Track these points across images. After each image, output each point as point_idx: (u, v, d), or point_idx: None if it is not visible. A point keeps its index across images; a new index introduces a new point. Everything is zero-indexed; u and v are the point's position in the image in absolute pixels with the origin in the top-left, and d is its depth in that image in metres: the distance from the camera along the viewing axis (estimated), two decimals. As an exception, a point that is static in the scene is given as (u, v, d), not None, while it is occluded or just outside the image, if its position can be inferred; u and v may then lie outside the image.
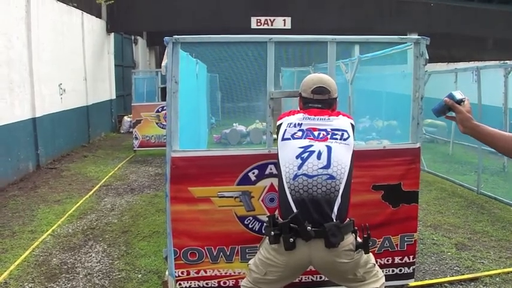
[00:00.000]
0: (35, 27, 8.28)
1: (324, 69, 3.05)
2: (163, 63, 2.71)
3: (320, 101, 2.35)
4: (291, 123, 2.30)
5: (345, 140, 2.21)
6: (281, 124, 2.35)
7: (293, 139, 2.23)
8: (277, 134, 2.35)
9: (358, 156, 2.38)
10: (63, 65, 9.88)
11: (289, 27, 13.55)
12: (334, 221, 2.06)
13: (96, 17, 12.22)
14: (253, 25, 13.46)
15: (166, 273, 3.04)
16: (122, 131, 13.31)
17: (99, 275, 3.92)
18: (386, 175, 2.97)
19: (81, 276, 3.91)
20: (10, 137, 7.51)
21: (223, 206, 2.82)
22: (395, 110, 6.97)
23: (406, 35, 12.30)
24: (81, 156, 9.50)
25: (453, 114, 1.82)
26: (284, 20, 13.55)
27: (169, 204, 2.79)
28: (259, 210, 2.83)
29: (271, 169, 2.77)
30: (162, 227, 5.06)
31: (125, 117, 13.50)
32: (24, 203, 6.18)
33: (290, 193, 2.11)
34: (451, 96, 1.81)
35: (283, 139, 2.27)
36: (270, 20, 13.49)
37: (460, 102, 1.79)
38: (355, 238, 2.16)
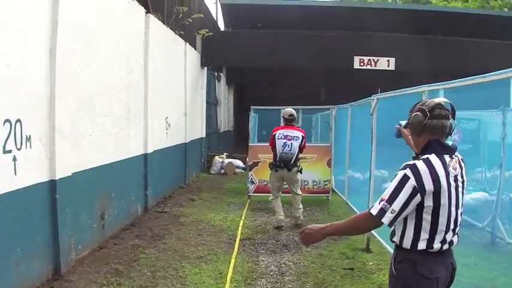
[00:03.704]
0: (152, 52, 7.33)
1: None
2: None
3: (291, 120, 6.55)
4: (281, 133, 6.40)
5: (296, 140, 6.34)
6: (276, 133, 6.46)
7: (281, 139, 6.34)
8: (277, 134, 6.42)
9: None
10: (171, 96, 8.91)
11: (393, 69, 12.28)
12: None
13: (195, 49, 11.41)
14: (356, 65, 12.29)
15: None
16: (213, 172, 12.09)
17: None
18: None
19: None
20: (125, 175, 6.36)
21: None
22: None
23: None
24: (187, 199, 8.22)
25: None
26: (388, 61, 12.29)
27: None
28: None
29: None
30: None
31: (216, 158, 12.33)
32: (160, 258, 4.83)
33: (279, 156, 6.31)
34: (399, 124, 2.72)
35: (278, 138, 6.36)
36: (373, 60, 12.26)
37: (406, 126, 2.45)
38: (297, 169, 6.45)
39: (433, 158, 2.08)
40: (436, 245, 2.08)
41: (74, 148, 4.66)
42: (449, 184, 2.07)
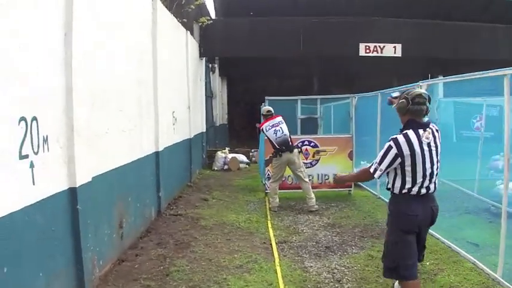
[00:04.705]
0: (160, 39, 6.67)
1: None
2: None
3: (269, 115, 7.26)
4: (267, 125, 7.08)
5: (282, 123, 7.03)
6: (263, 127, 7.15)
7: (270, 129, 7.00)
8: (264, 127, 7.11)
9: None
10: (176, 90, 8.26)
11: (400, 55, 11.86)
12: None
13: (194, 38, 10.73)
14: (362, 52, 11.83)
15: None
16: (216, 168, 11.49)
17: None
18: None
19: None
20: (140, 176, 5.74)
21: None
22: None
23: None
24: (199, 200, 7.63)
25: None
26: (394, 47, 11.86)
27: None
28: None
29: None
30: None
31: (219, 153, 11.72)
32: (195, 270, 4.26)
33: (276, 143, 6.89)
34: (390, 96, 3.51)
35: (267, 130, 7.03)
36: (379, 46, 11.81)
37: (396, 97, 3.32)
38: (298, 151, 7.13)
39: (410, 132, 3.01)
40: (415, 189, 3.01)
41: (92, 149, 4.02)
42: (422, 149, 2.98)
